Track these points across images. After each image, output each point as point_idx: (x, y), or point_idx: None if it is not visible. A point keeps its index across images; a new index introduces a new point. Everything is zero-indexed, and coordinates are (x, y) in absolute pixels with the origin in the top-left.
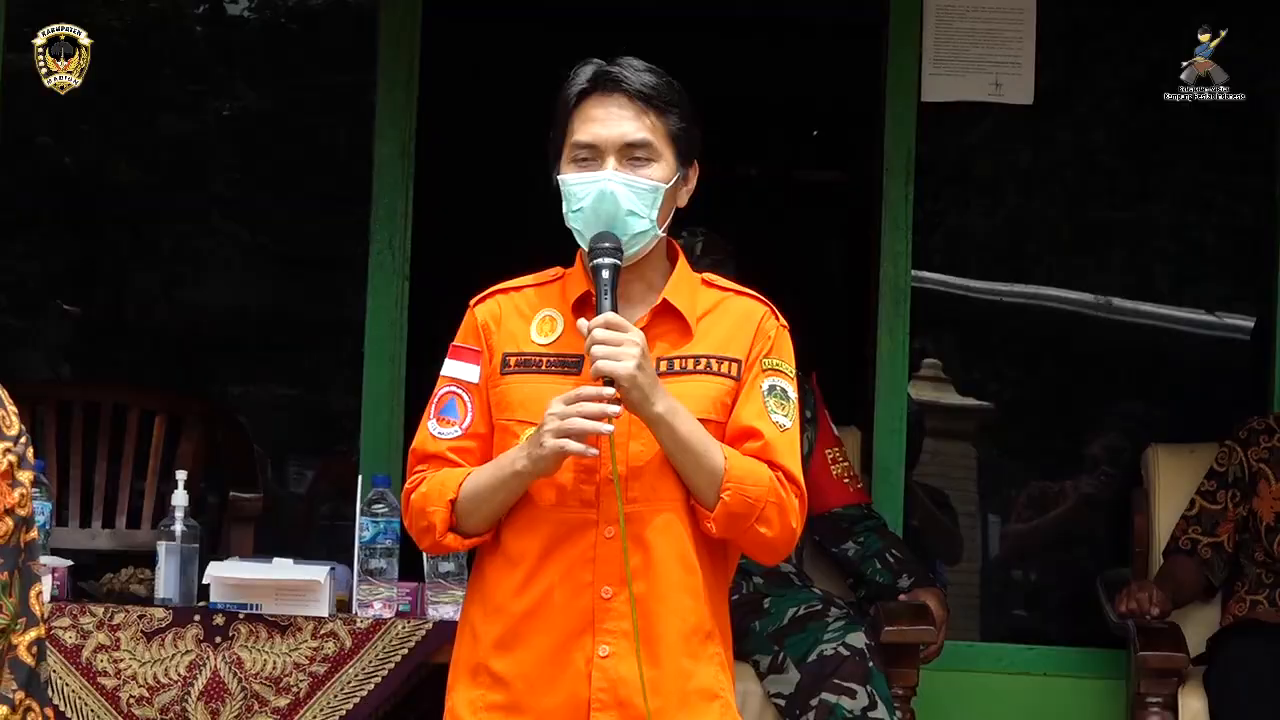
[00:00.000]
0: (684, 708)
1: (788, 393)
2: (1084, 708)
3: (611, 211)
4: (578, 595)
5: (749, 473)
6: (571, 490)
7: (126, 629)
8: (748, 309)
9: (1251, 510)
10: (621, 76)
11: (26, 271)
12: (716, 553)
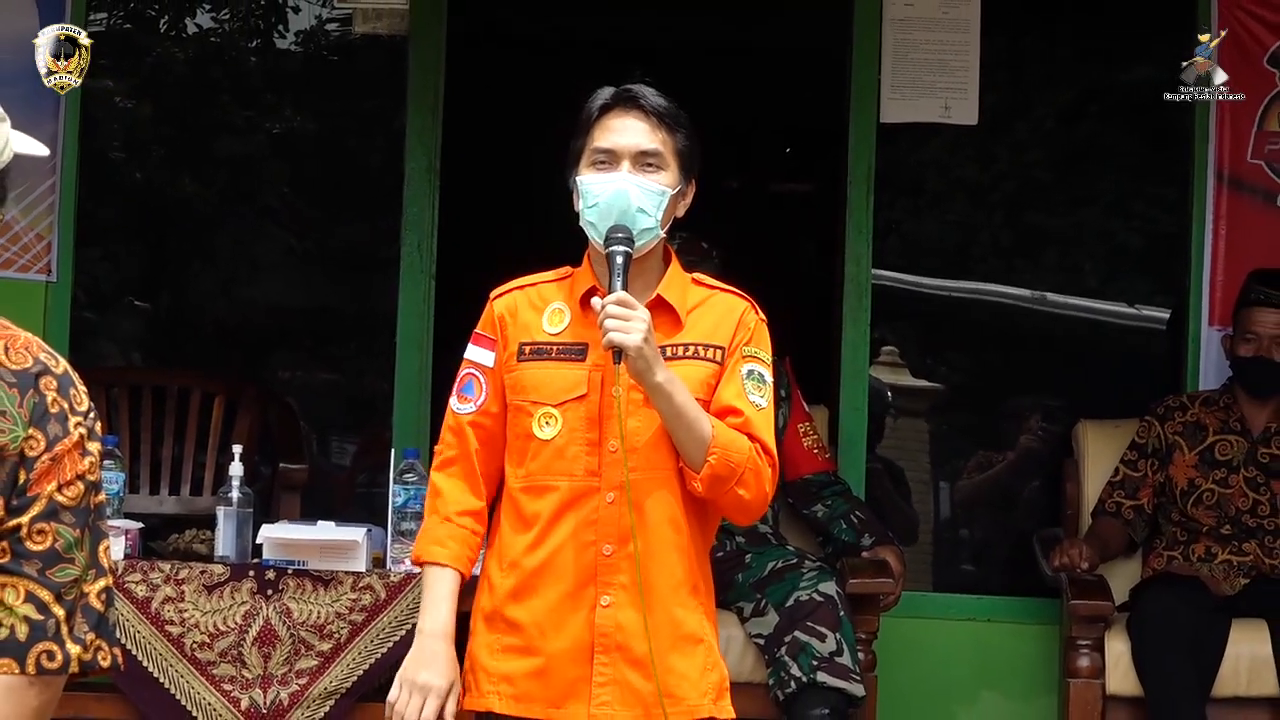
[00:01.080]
0: (674, 650)
1: (764, 376)
2: (1022, 650)
3: (624, 207)
4: (582, 552)
5: (732, 441)
6: (575, 459)
7: (190, 583)
8: (731, 304)
9: (1168, 477)
10: (640, 95)
11: (102, 273)
12: (701, 517)
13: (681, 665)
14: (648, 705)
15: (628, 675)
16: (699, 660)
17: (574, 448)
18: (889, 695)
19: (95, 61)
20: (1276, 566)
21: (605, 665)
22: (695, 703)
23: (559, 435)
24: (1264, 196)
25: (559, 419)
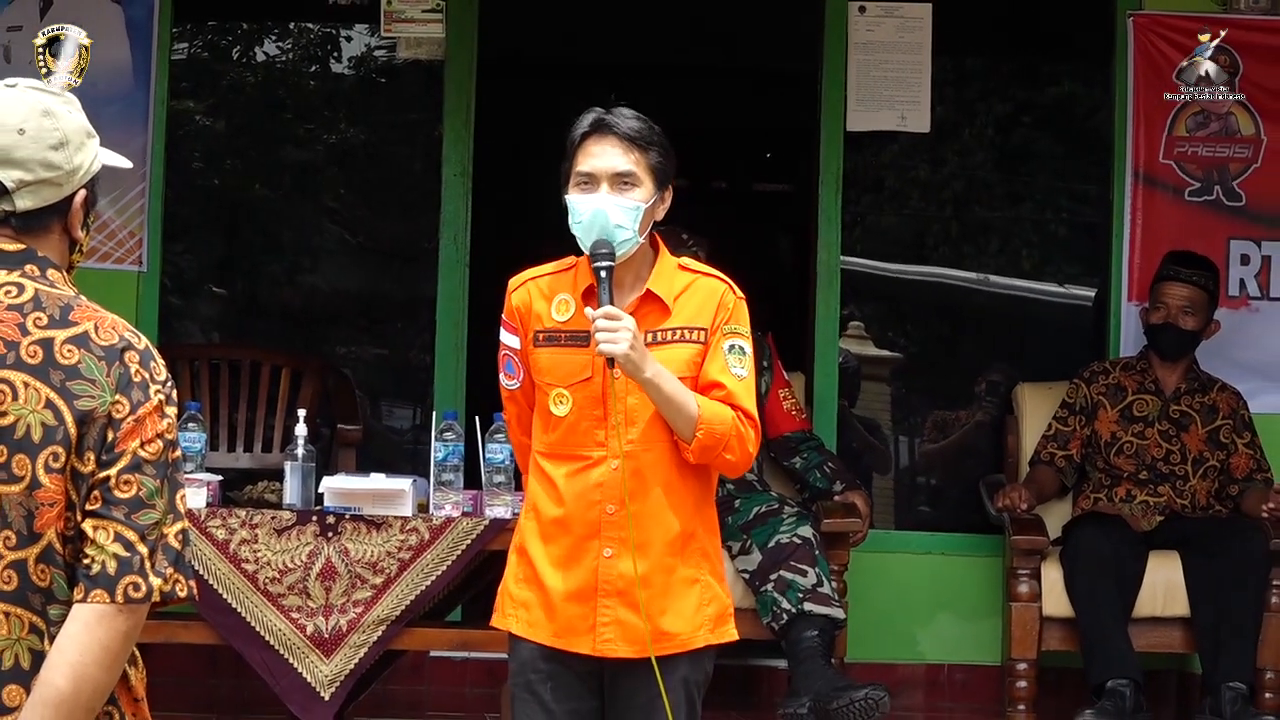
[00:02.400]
0: (667, 594)
1: (744, 349)
2: (971, 579)
3: (604, 224)
4: (589, 510)
5: (716, 415)
6: (587, 432)
7: (262, 527)
8: (712, 287)
9: (1094, 431)
10: (613, 123)
11: (185, 264)
12: (697, 475)
13: (675, 606)
14: (643, 641)
15: (625, 616)
16: (694, 599)
17: (584, 423)
18: (859, 618)
19: (178, 84)
20: (1187, 506)
21: (608, 607)
22: (689, 636)
23: (570, 412)
24: (1174, 192)
25: (569, 398)
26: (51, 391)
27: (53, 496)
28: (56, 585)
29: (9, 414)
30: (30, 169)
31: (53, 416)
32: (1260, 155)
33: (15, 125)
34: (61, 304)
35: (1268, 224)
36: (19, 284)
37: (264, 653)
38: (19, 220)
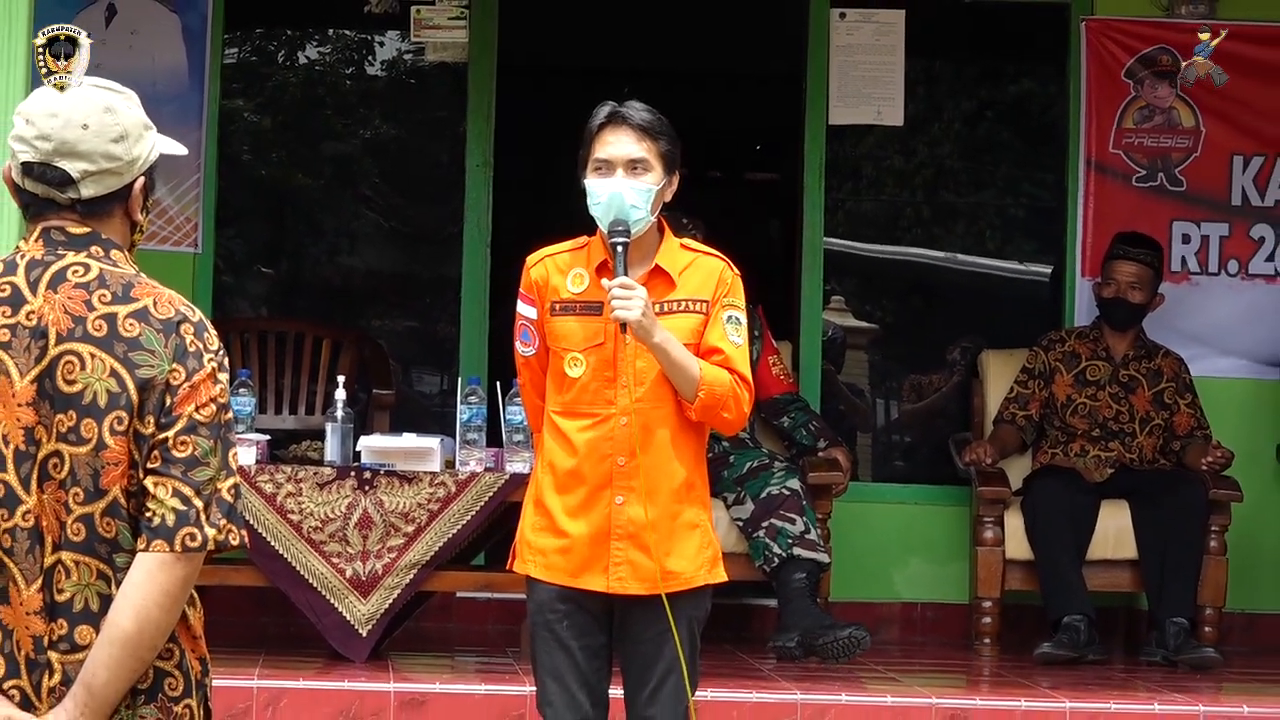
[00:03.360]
0: (673, 537)
1: (740, 320)
2: (941, 526)
3: (620, 205)
4: (602, 462)
5: (716, 378)
6: (599, 392)
7: (306, 482)
8: (712, 265)
9: (1051, 393)
10: (627, 115)
11: (236, 246)
12: (696, 432)
13: (679, 548)
14: (653, 579)
15: (637, 557)
16: (695, 542)
17: (595, 383)
18: (841, 561)
19: (229, 85)
20: (1134, 460)
21: (620, 549)
22: (691, 575)
23: (584, 374)
24: (1122, 178)
25: (583, 361)
26: (115, 361)
27: (117, 456)
28: (121, 536)
29: (77, 382)
30: (93, 160)
31: (116, 384)
32: (1200, 145)
33: (80, 121)
34: (124, 281)
35: (1206, 207)
36: (85, 264)
37: (308, 594)
38: (84, 206)
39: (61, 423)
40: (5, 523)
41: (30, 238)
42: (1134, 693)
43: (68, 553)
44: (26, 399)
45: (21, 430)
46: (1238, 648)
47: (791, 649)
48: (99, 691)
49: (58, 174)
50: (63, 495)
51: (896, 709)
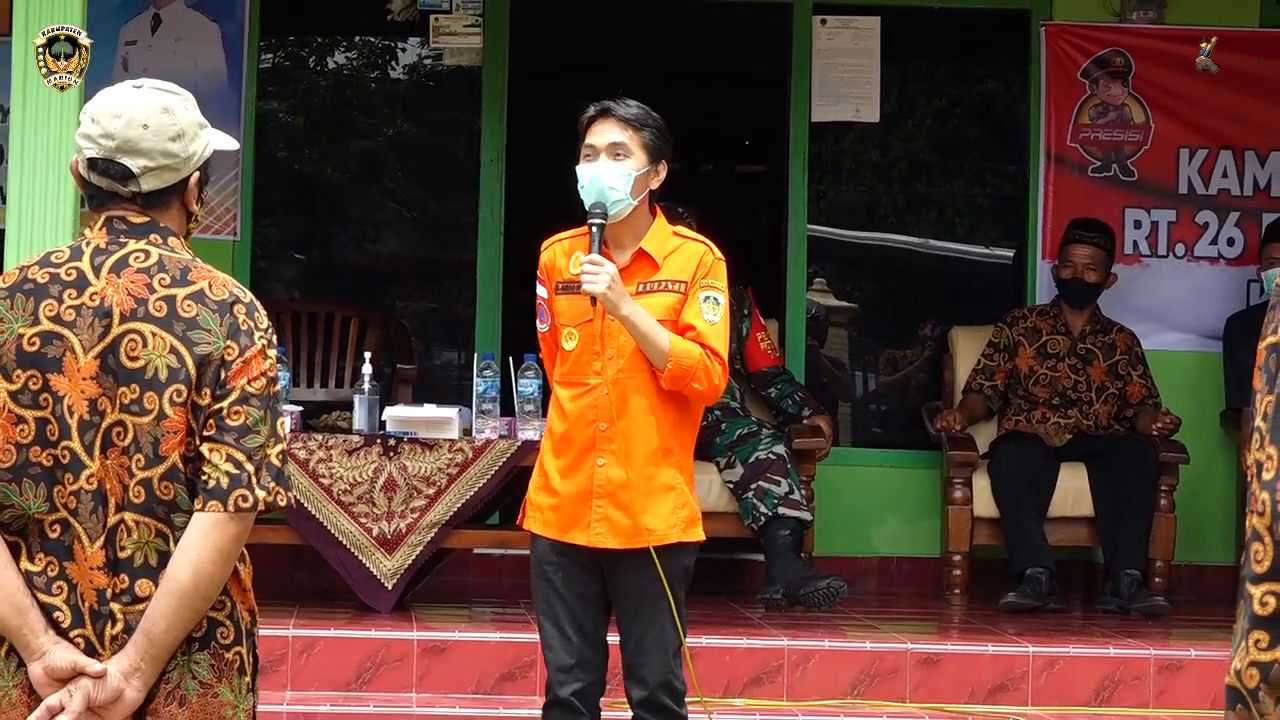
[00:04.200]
0: (649, 497)
1: (718, 300)
2: (915, 487)
3: (600, 186)
4: (587, 427)
5: (685, 351)
6: (588, 364)
7: (336, 448)
8: (695, 249)
9: (1015, 365)
10: (613, 108)
11: (271, 234)
12: (676, 401)
13: (654, 507)
14: (629, 535)
15: (614, 514)
16: (670, 503)
17: (585, 355)
18: (824, 520)
19: (265, 88)
20: (1091, 426)
21: (600, 507)
22: (664, 532)
23: (576, 346)
24: (1079, 169)
25: (575, 335)
26: (175, 339)
27: (176, 426)
28: (179, 498)
29: (140, 359)
30: (152, 157)
31: (176, 360)
32: (1150, 139)
33: (140, 121)
34: (181, 266)
35: (1155, 195)
36: (145, 250)
37: (338, 551)
38: (143, 198)
39: (125, 395)
40: (70, 486)
41: (94, 226)
42: (1091, 638)
43: (129, 513)
44: (90, 373)
45: (86, 401)
46: (1185, 597)
47: (778, 599)
48: (158, 639)
49: (120, 169)
50: (125, 461)
51: (874, 653)
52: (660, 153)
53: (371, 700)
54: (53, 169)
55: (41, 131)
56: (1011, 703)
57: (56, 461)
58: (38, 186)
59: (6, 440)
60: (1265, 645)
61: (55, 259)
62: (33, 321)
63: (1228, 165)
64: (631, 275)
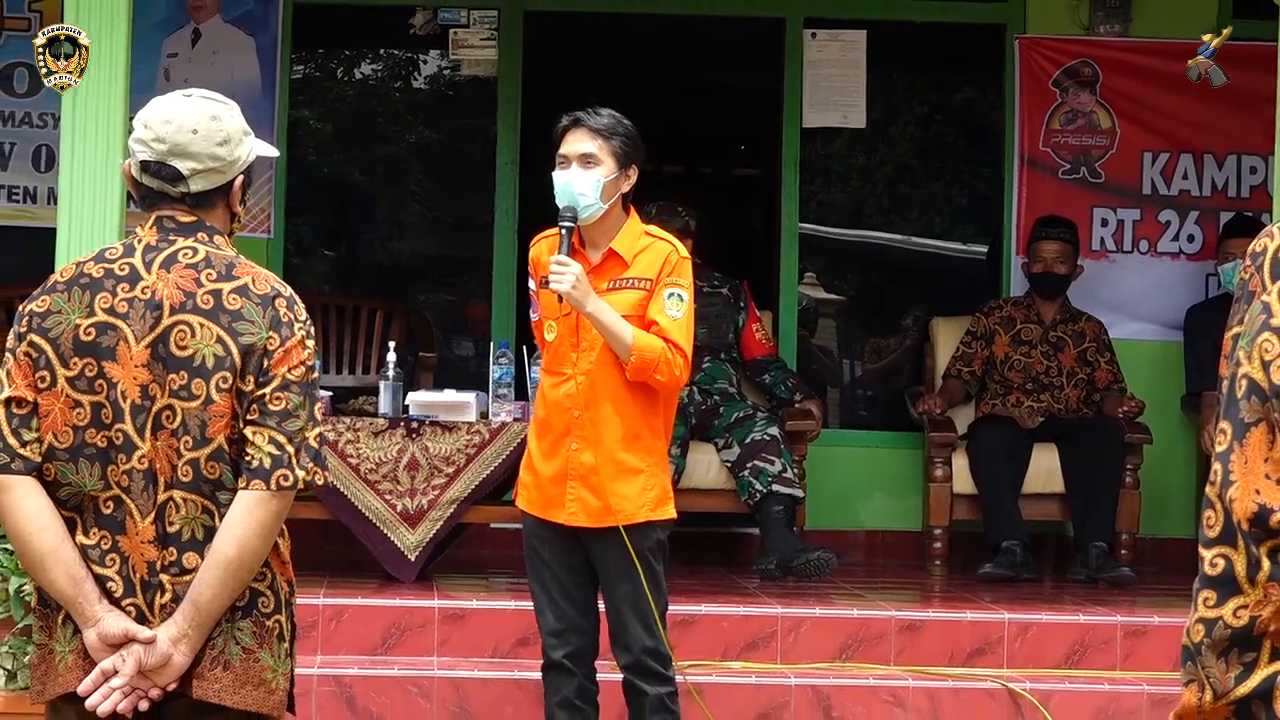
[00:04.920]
0: (618, 480)
1: (682, 296)
2: (898, 465)
3: (570, 192)
4: (563, 414)
5: (648, 345)
6: (564, 355)
7: (363, 431)
8: (661, 249)
9: (991, 352)
10: (584, 119)
11: (302, 232)
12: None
13: (622, 489)
14: (599, 514)
15: (585, 495)
16: (638, 484)
17: (563, 347)
18: (815, 496)
19: (296, 97)
20: (1062, 409)
21: (573, 488)
22: (633, 512)
23: (556, 338)
24: (1050, 171)
25: (555, 327)
26: (221, 330)
27: (221, 410)
28: (224, 477)
29: (189, 348)
30: (201, 160)
31: (222, 349)
32: (1115, 144)
33: (190, 127)
34: (226, 262)
35: (1121, 196)
36: (194, 247)
37: (365, 525)
38: (192, 199)
39: (174, 381)
40: (123, 465)
41: (145, 225)
42: (1062, 606)
43: (178, 491)
44: (141, 361)
45: (138, 387)
46: (1149, 567)
47: (771, 570)
48: (204, 608)
49: (170, 171)
50: (174, 443)
51: (861, 620)
52: (630, 158)
53: (396, 663)
54: (100, 172)
55: (89, 137)
56: (988, 665)
57: (110, 443)
58: (86, 188)
59: (64, 423)
60: (1213, 603)
61: (109, 255)
62: (89, 313)
63: (1188, 168)
64: (603, 273)
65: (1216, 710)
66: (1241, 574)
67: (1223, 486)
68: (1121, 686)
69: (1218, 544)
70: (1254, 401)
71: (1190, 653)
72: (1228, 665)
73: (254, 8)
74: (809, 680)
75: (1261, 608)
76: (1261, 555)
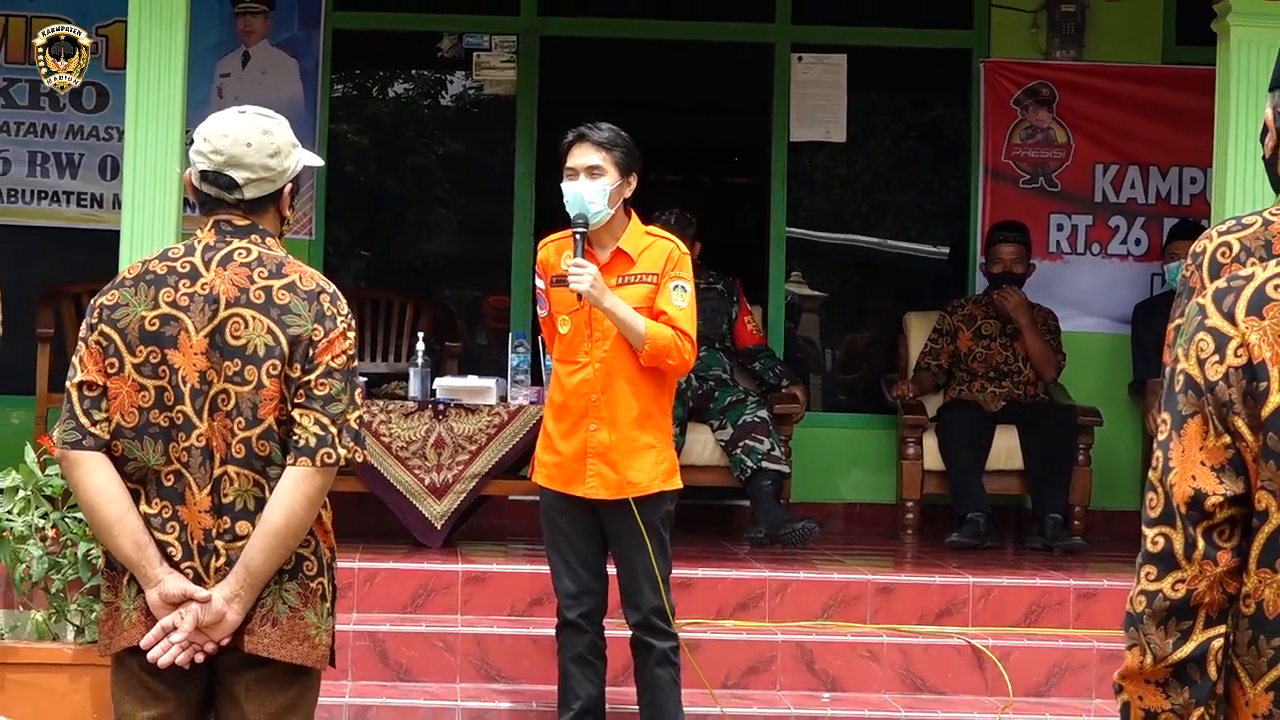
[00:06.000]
0: (633, 455)
1: (685, 288)
2: (875, 445)
3: (581, 201)
4: (581, 398)
5: (659, 334)
6: (579, 345)
7: (394, 412)
8: (664, 246)
9: (956, 345)
10: (588, 133)
11: (341, 234)
12: (654, 376)
13: (637, 464)
14: (617, 487)
15: (604, 470)
16: (650, 459)
17: (577, 338)
18: (799, 473)
19: (335, 113)
20: (1021, 395)
21: (593, 464)
22: (647, 484)
23: (570, 331)
24: (1011, 182)
25: (569, 321)
26: (271, 322)
27: (271, 394)
28: (273, 454)
29: (242, 338)
30: (254, 170)
31: (272, 339)
32: (1070, 156)
33: (245, 140)
34: (276, 261)
35: (1075, 203)
36: (248, 248)
37: (396, 497)
38: (246, 205)
39: (229, 368)
40: (183, 443)
41: (204, 228)
42: (1021, 571)
43: (232, 466)
44: (201, 349)
45: (197, 373)
46: (1099, 537)
47: (760, 538)
48: (255, 571)
49: (227, 180)
50: (229, 423)
51: (840, 583)
52: (629, 167)
53: (424, 620)
54: (159, 180)
55: (150, 149)
56: (954, 624)
57: (172, 422)
58: (146, 195)
59: (131, 404)
60: (1154, 577)
61: (171, 254)
62: (153, 306)
63: (1135, 178)
64: (612, 270)
65: (1157, 671)
66: (1179, 551)
67: (1163, 472)
68: (1074, 644)
69: (1159, 524)
70: (1190, 396)
71: (1133, 620)
72: (1166, 633)
73: (298, 33)
74: (794, 637)
75: (1197, 582)
76: (1197, 535)
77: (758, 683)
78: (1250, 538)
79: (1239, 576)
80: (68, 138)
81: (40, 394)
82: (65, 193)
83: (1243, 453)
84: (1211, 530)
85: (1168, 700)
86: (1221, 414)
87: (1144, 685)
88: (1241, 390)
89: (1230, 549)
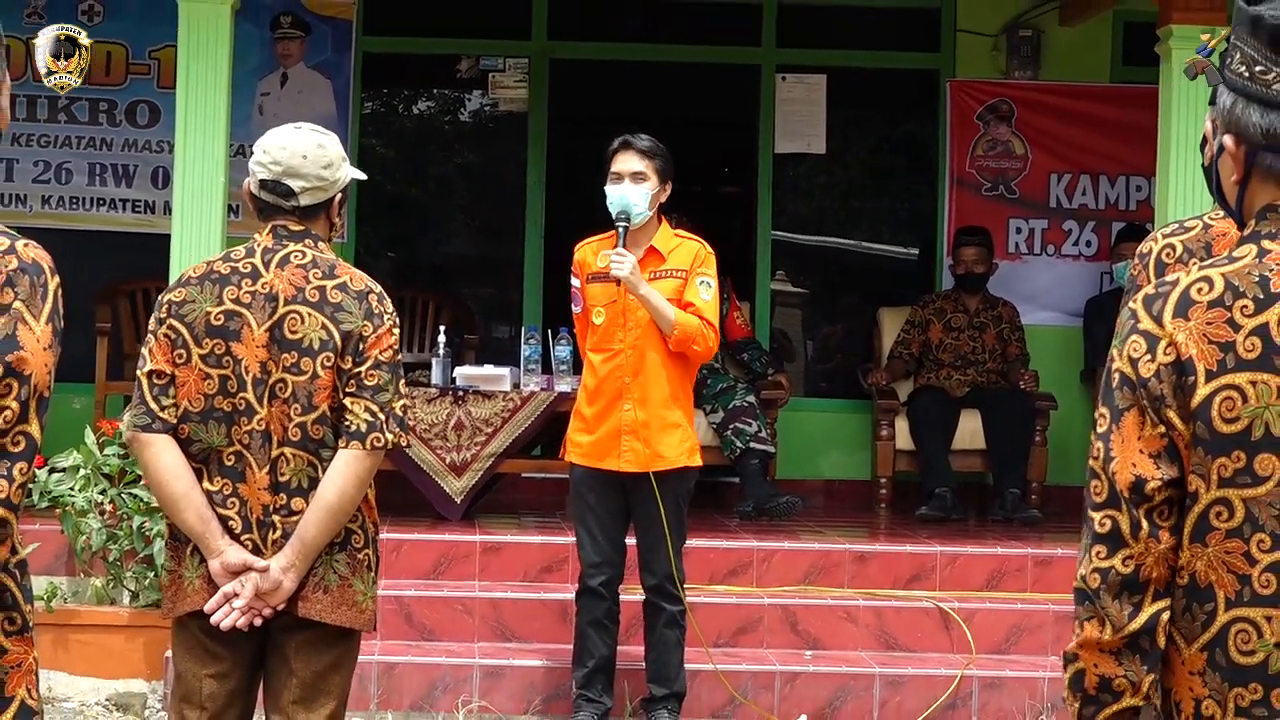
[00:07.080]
0: (662, 432)
1: (709, 283)
2: (852, 427)
3: (625, 203)
4: (615, 380)
5: (688, 322)
6: (613, 334)
7: (418, 398)
8: (692, 246)
9: (926, 337)
10: (632, 141)
11: (370, 238)
12: (681, 362)
13: (666, 440)
14: (648, 461)
15: (637, 446)
16: (677, 437)
17: (611, 328)
18: (783, 453)
19: (365, 128)
20: (985, 382)
21: (627, 441)
22: (674, 459)
23: (605, 321)
24: (975, 189)
25: (604, 313)
26: (325, 319)
27: (325, 384)
28: (326, 438)
29: (299, 332)
30: (309, 180)
31: (325, 334)
32: (1028, 166)
33: (301, 153)
34: (329, 264)
35: (1032, 209)
36: (303, 251)
37: (419, 475)
38: (301, 211)
39: (286, 360)
40: (245, 427)
41: (263, 232)
42: (983, 540)
43: (288, 448)
44: (262, 342)
45: (258, 364)
46: (1054, 509)
47: (749, 512)
48: (309, 543)
49: (284, 188)
50: (286, 409)
51: (821, 552)
52: (666, 175)
53: (445, 586)
54: (207, 188)
55: (198, 161)
56: (924, 588)
57: (234, 408)
58: (195, 202)
59: (197, 391)
60: (1104, 555)
61: (234, 256)
62: (218, 302)
63: (1086, 186)
64: (645, 266)
65: (1113, 641)
66: (1126, 531)
67: (1105, 461)
68: (1031, 606)
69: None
70: (1126, 391)
71: (1087, 595)
72: (1121, 605)
73: (331, 56)
74: (779, 600)
75: (1144, 558)
76: (1140, 517)
77: (746, 641)
78: (1183, 517)
79: (1178, 553)
80: (123, 150)
81: (99, 382)
82: (121, 200)
83: (1176, 441)
84: (1152, 511)
85: (1121, 668)
86: (1155, 406)
87: (1100, 654)
88: (1172, 385)
89: (1168, 528)
